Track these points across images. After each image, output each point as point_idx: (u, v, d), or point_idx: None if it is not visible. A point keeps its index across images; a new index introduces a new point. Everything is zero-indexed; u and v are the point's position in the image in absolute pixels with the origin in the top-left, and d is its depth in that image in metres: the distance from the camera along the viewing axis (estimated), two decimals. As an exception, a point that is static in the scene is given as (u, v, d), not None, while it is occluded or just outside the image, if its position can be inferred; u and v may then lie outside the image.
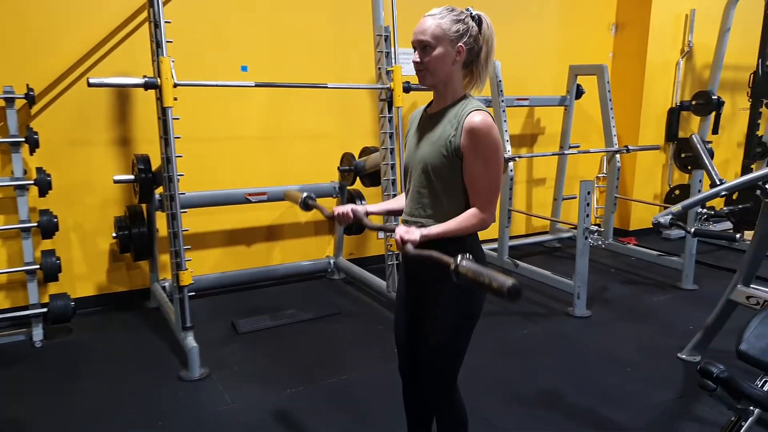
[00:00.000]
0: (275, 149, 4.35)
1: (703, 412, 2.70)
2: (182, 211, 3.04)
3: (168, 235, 3.08)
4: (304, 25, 4.27)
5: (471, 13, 1.74)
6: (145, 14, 3.70)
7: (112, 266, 3.96)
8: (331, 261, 4.56)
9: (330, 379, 2.99)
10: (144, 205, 3.74)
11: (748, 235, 3.58)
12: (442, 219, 1.78)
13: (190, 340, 3.04)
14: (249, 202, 4.00)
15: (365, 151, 4.22)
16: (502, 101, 4.29)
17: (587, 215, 3.77)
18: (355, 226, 4.36)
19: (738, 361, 3.24)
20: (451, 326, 1.85)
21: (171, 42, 2.93)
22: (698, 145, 3.04)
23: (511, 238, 5.05)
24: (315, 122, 4.46)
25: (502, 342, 3.44)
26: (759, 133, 5.49)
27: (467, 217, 1.72)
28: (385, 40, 3.61)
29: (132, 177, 3.54)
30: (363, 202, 4.35)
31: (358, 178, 4.20)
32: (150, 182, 3.45)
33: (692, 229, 2.84)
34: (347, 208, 1.93)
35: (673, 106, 5.80)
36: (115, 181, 3.52)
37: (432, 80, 1.75)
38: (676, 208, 2.88)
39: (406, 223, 1.88)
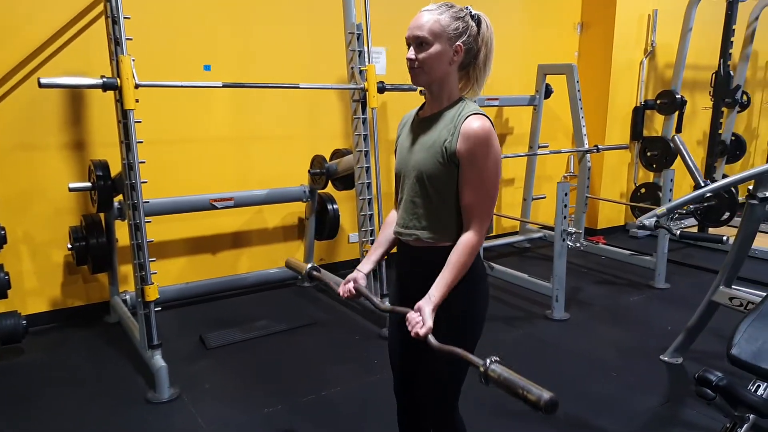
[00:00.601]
0: (240, 152, 4.16)
1: (693, 417, 2.67)
2: (147, 221, 2.83)
3: (131, 246, 2.86)
4: (269, 22, 4.09)
5: (471, 12, 1.63)
6: (100, 8, 3.46)
7: (67, 279, 3.70)
8: (302, 267, 4.38)
9: (309, 395, 2.83)
10: (102, 214, 3.49)
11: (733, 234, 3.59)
12: (438, 230, 1.66)
13: (158, 359, 2.83)
14: (215, 208, 3.79)
15: (337, 154, 4.07)
16: (474, 101, 4.20)
17: (564, 217, 3.72)
18: (327, 232, 4.25)
19: (720, 361, 3.24)
20: (455, 338, 1.72)
21: (131, 39, 2.72)
22: (681, 147, 3.01)
23: (484, 239, 4.98)
24: (282, 123, 4.28)
25: (482, 347, 3.34)
26: (720, 131, 5.59)
27: (462, 253, 1.61)
28: (357, 39, 3.46)
29: (89, 184, 3.30)
30: (335, 206, 4.21)
31: (329, 182, 4.05)
32: (109, 190, 3.22)
33: (678, 232, 2.81)
34: (350, 286, 1.84)
35: (638, 105, 5.85)
36: (71, 189, 3.27)
37: (427, 79, 1.63)
38: (661, 210, 2.85)
39: (399, 235, 1.75)
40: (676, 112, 5.60)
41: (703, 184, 2.74)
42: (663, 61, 5.96)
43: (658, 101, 5.70)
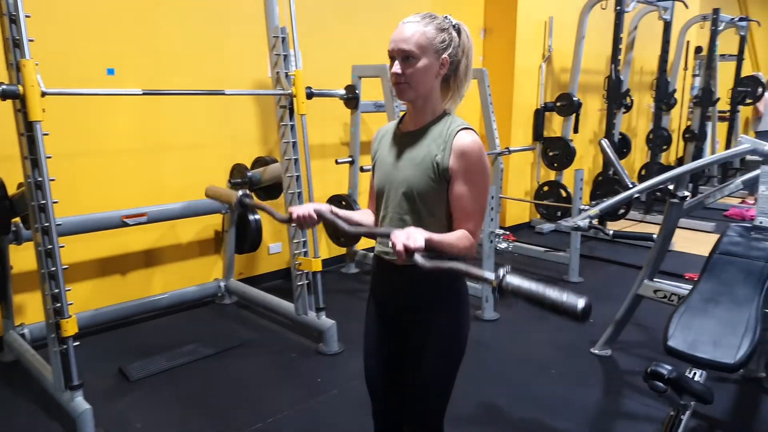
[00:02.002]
0: (151, 163, 3.82)
1: (633, 407, 2.81)
2: (60, 245, 2.50)
3: (41, 276, 2.51)
4: (179, 22, 3.79)
5: (452, 22, 1.58)
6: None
7: (-51, 316, 3.20)
8: (221, 284, 4.12)
9: (255, 424, 2.64)
10: (-6, 239, 3.06)
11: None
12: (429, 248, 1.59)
13: (80, 402, 2.51)
14: (126, 225, 3.45)
15: (260, 162, 3.86)
16: (397, 106, 4.18)
17: (491, 219, 3.79)
18: (249, 244, 4.02)
19: (643, 350, 3.45)
20: (441, 365, 1.69)
21: (33, 41, 2.39)
22: (608, 150, 3.16)
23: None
24: (195, 131, 3.99)
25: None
26: (613, 131, 6.00)
27: (463, 235, 1.54)
28: (282, 42, 3.30)
29: (-21, 206, 2.87)
30: (256, 217, 3.99)
31: (253, 192, 3.83)
32: (7, 211, 2.82)
33: (611, 231, 2.94)
34: (308, 207, 1.61)
35: (539, 107, 6.13)
36: (-45, 212, 2.83)
37: (414, 95, 1.56)
38: (594, 211, 2.97)
39: (386, 254, 1.66)
40: (574, 114, 5.94)
41: (630, 186, 2.88)
42: (559, 65, 6.30)
43: (558, 104, 6.01)
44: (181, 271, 4.08)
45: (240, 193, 1.78)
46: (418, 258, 1.35)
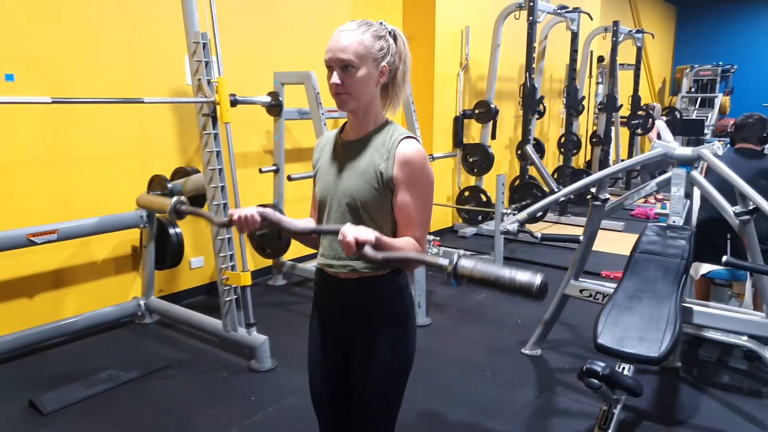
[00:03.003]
0: (59, 176, 3.55)
1: (565, 404, 2.90)
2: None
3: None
4: (88, 24, 3.55)
5: (388, 29, 1.55)
6: None
7: None
8: (141, 302, 3.88)
9: (188, 450, 2.51)
10: None
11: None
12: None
13: (-12, 442, 2.28)
14: (34, 244, 3.19)
15: (180, 172, 3.69)
16: (323, 114, 4.12)
17: (421, 225, 3.81)
18: (170, 260, 3.82)
19: (569, 347, 3.58)
20: (388, 378, 1.65)
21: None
22: (533, 156, 3.25)
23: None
24: (106, 141, 3.75)
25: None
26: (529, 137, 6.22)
27: (410, 243, 1.52)
28: (204, 48, 3.17)
29: None
30: (177, 231, 3.80)
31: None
32: None
33: (539, 234, 3.03)
34: (250, 209, 1.51)
35: (458, 114, 6.26)
36: None
37: (355, 105, 1.52)
38: (522, 215, 3.05)
39: (329, 267, 1.61)
40: (491, 121, 6.11)
41: (556, 190, 2.98)
42: (476, 73, 6.47)
43: (476, 111, 6.17)
44: (96, 290, 3.82)
45: (174, 199, 1.68)
46: (369, 250, 1.33)
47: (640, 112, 8.16)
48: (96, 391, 2.97)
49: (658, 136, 8.05)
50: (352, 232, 1.34)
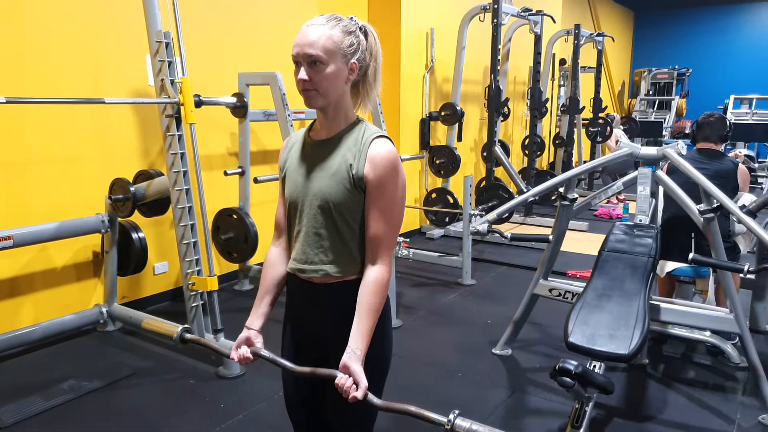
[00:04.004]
0: (15, 179, 3.41)
1: (538, 403, 2.92)
2: None
3: None
4: (45, 19, 3.43)
5: (359, 24, 1.52)
6: None
7: None
8: (103, 310, 3.75)
9: (156, 461, 2.43)
10: None
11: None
12: (347, 263, 1.53)
13: (-59, 460, 2.16)
14: (-12, 251, 3.05)
15: (143, 175, 3.58)
16: (289, 115, 4.07)
17: (390, 227, 3.79)
18: (134, 265, 3.71)
19: (539, 346, 3.61)
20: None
21: None
22: (502, 157, 3.27)
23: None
24: (67, 143, 3.62)
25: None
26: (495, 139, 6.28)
27: (376, 292, 1.50)
28: (166, 47, 3.08)
29: None
30: (140, 235, 3.70)
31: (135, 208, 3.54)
32: None
33: (509, 234, 3.04)
34: (244, 351, 1.61)
35: (424, 116, 6.28)
36: None
37: (323, 102, 1.48)
38: (492, 216, 3.06)
39: (301, 272, 1.57)
40: (457, 123, 6.14)
41: (525, 190, 3.00)
42: (442, 75, 6.50)
43: (442, 113, 6.19)
44: (55, 298, 3.68)
45: (180, 329, 1.68)
46: (373, 399, 1.45)
47: (600, 121, 8.33)
48: (57, 402, 2.86)
49: (617, 143, 8.25)
50: (345, 383, 1.44)
